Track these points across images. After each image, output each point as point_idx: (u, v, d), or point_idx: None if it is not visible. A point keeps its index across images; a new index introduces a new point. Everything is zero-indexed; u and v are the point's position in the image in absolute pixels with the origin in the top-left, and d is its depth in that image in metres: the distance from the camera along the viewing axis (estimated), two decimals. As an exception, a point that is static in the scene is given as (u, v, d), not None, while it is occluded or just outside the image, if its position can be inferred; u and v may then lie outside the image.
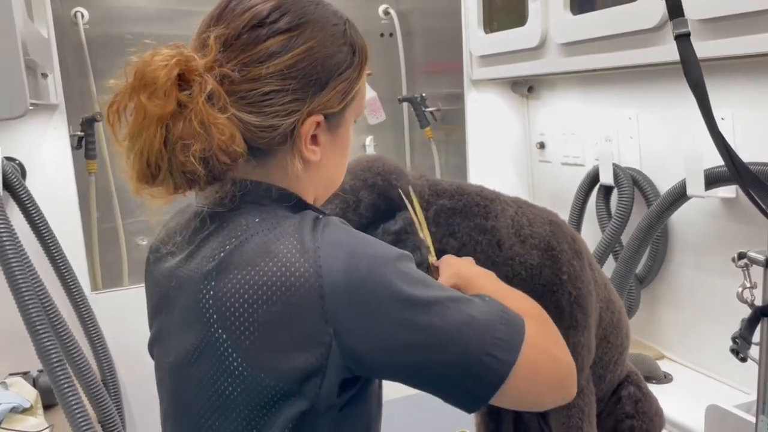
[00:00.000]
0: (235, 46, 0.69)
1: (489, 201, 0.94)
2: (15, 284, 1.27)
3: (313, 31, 0.72)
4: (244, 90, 0.68)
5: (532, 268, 0.94)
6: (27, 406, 1.47)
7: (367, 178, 0.89)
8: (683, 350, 1.69)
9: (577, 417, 0.97)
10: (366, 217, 0.89)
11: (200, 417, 0.71)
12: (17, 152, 1.71)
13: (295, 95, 0.70)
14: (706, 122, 0.74)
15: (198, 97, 0.65)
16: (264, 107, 0.69)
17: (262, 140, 0.71)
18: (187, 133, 0.65)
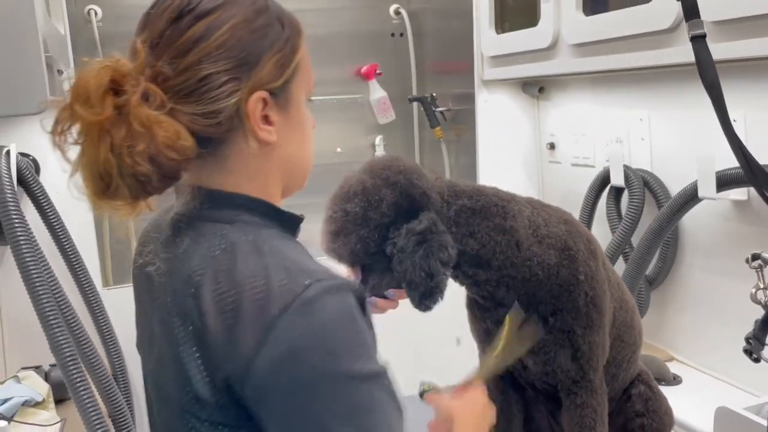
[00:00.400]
0: (162, 43, 0.71)
1: (506, 201, 0.94)
2: (29, 279, 1.28)
3: (232, 10, 0.73)
4: (180, 82, 0.69)
5: (550, 268, 0.95)
6: (39, 399, 1.49)
7: (389, 176, 0.89)
8: (693, 352, 1.69)
9: (590, 417, 0.97)
10: (387, 215, 0.88)
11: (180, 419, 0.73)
12: (31, 148, 1.72)
13: (229, 75, 0.71)
14: (721, 123, 0.74)
15: (133, 99, 0.66)
16: (202, 94, 0.70)
17: (211, 128, 0.72)
18: (129, 136, 0.66)
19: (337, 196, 0.93)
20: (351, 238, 0.89)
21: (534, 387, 1.06)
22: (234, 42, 0.72)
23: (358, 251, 0.90)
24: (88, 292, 1.64)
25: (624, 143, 1.81)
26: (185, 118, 0.70)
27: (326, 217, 0.93)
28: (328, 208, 0.93)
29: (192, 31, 0.70)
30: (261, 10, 0.76)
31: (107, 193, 0.69)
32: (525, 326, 0.95)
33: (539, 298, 0.96)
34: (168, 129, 0.67)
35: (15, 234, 1.30)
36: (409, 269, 0.87)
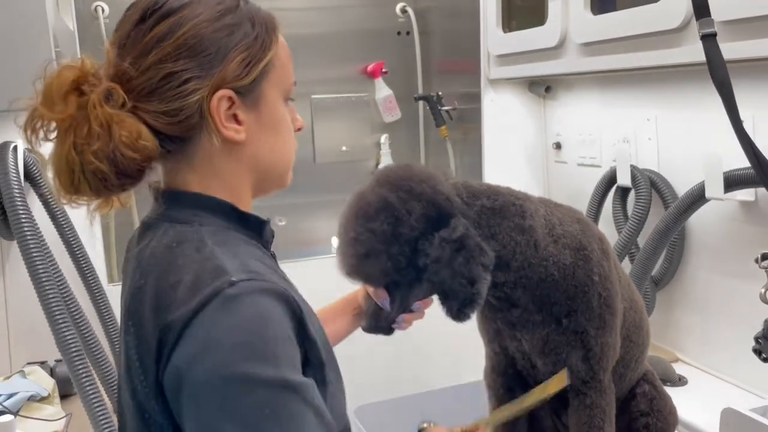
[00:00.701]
0: (127, 44, 0.72)
1: (522, 200, 0.92)
2: (36, 274, 1.29)
3: (197, 10, 0.73)
4: (142, 82, 0.71)
5: (566, 268, 0.93)
6: (44, 394, 1.49)
7: (412, 187, 0.84)
8: (698, 353, 1.68)
9: (598, 417, 0.96)
10: (417, 228, 0.84)
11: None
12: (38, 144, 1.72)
13: (190, 73, 0.72)
14: (731, 122, 0.74)
15: (92, 98, 0.68)
16: (164, 93, 0.71)
17: (173, 126, 0.73)
18: (88, 134, 0.68)
19: (356, 215, 0.85)
20: (381, 258, 0.84)
21: (541, 386, 1.05)
22: (196, 41, 0.72)
23: (389, 270, 0.85)
24: (93, 288, 1.64)
25: (631, 143, 1.81)
26: (148, 117, 0.71)
27: (348, 239, 0.85)
28: (349, 230, 0.85)
29: (155, 31, 0.71)
30: (228, 9, 0.76)
31: (71, 189, 0.71)
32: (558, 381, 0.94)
33: (554, 299, 0.95)
34: (129, 128, 0.69)
35: (22, 229, 1.31)
36: (448, 278, 0.84)
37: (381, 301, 0.94)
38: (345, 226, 0.86)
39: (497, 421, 0.94)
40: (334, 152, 2.34)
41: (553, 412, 1.13)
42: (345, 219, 0.87)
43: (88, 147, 0.68)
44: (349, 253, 0.84)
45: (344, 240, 0.86)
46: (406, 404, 1.54)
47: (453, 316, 0.87)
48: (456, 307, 0.85)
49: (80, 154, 0.68)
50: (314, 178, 2.28)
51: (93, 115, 0.67)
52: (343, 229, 0.87)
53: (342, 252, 0.86)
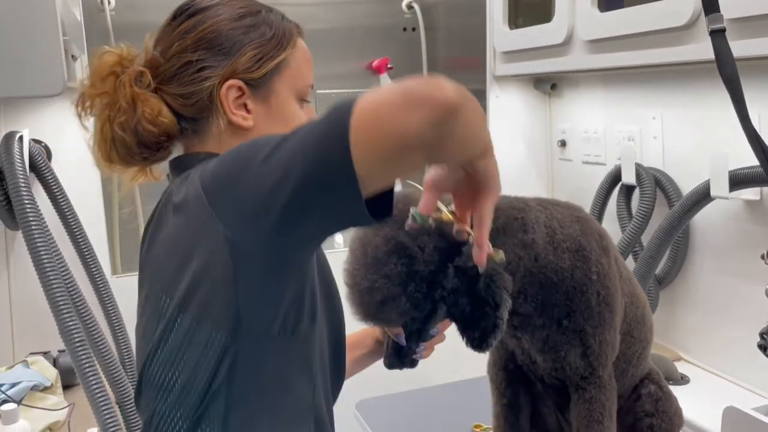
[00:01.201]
0: (160, 37, 0.86)
1: (522, 211, 0.91)
2: (40, 264, 1.29)
3: (219, 11, 0.85)
4: (167, 68, 0.83)
5: (563, 271, 0.93)
6: (47, 384, 1.49)
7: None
8: (701, 352, 1.68)
9: (597, 411, 0.96)
10: (432, 262, 0.80)
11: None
12: (43, 135, 1.73)
13: (205, 63, 0.83)
14: (739, 117, 0.74)
15: (124, 79, 0.81)
16: (183, 78, 0.83)
17: (188, 107, 0.84)
18: (118, 109, 0.80)
19: (365, 264, 0.81)
20: (399, 301, 0.80)
21: (543, 381, 1.05)
22: (213, 36, 0.83)
23: (407, 310, 0.82)
24: (97, 279, 1.65)
25: (636, 141, 1.80)
26: (169, 98, 0.83)
27: (362, 289, 0.80)
28: (361, 280, 0.80)
29: (182, 27, 0.84)
30: (249, 13, 0.86)
31: (107, 158, 0.84)
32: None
33: (554, 301, 0.95)
34: (152, 106, 0.81)
35: (27, 219, 1.31)
36: (467, 307, 0.81)
37: (396, 337, 0.93)
38: (355, 275, 0.81)
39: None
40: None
41: (556, 409, 1.13)
42: (353, 267, 0.82)
43: (117, 119, 0.80)
44: (365, 302, 0.81)
45: (358, 290, 0.81)
46: (407, 399, 1.55)
47: (476, 346, 0.84)
48: (479, 335, 0.82)
49: (111, 126, 0.80)
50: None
51: (122, 93, 0.80)
52: (353, 278, 0.82)
53: (357, 301, 0.82)
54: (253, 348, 0.74)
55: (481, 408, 1.39)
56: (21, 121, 1.70)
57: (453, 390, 1.60)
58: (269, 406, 0.79)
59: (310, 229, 0.66)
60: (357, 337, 1.08)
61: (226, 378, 0.74)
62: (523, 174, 2.23)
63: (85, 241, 1.62)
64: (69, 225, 1.59)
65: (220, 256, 0.69)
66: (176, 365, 0.76)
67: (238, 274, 0.69)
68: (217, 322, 0.72)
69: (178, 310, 0.74)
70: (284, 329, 0.75)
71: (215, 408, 0.76)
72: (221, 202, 0.69)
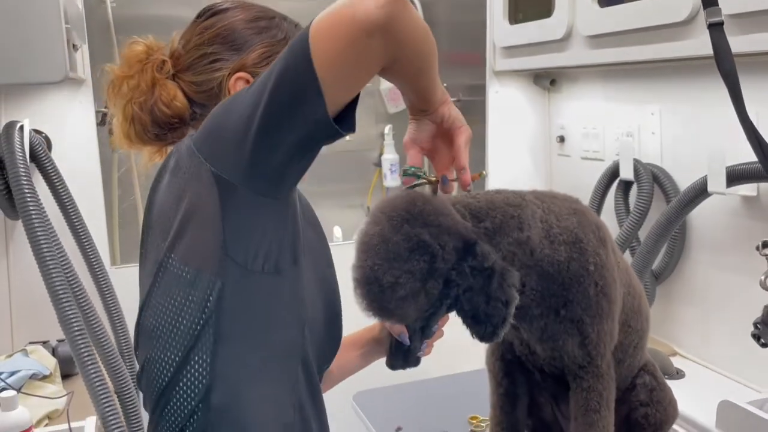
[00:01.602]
0: (186, 33, 0.96)
1: (519, 208, 0.92)
2: (40, 253, 1.29)
3: (236, 13, 0.94)
4: (186, 59, 0.93)
5: (560, 264, 0.95)
6: (46, 373, 1.50)
7: (441, 222, 0.83)
8: (696, 347, 1.69)
9: (595, 400, 0.97)
10: (449, 261, 0.83)
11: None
12: (44, 125, 1.73)
13: (217, 56, 0.92)
14: (737, 111, 0.75)
15: (149, 67, 0.91)
16: (197, 68, 0.93)
17: (200, 94, 0.93)
18: (140, 91, 0.92)
19: (387, 259, 0.81)
20: (419, 297, 0.83)
21: (542, 370, 1.06)
22: (228, 33, 0.93)
23: (424, 306, 0.85)
24: (96, 269, 1.65)
25: (634, 137, 1.81)
26: (184, 85, 0.93)
27: (385, 284, 0.81)
28: (385, 275, 0.81)
29: (204, 24, 0.94)
30: (264, 17, 0.95)
31: (126, 136, 0.94)
32: None
33: (552, 291, 0.96)
34: (168, 90, 0.91)
35: (27, 209, 1.31)
36: (482, 305, 0.84)
37: (399, 336, 0.96)
38: (376, 270, 0.81)
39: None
40: (337, 142, 2.34)
41: (553, 400, 1.14)
42: (374, 263, 0.82)
43: (137, 100, 0.91)
44: (385, 297, 0.82)
45: (379, 285, 0.82)
46: (404, 391, 1.55)
47: (484, 338, 0.87)
48: (490, 330, 0.86)
49: (132, 106, 0.91)
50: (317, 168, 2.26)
51: (144, 78, 0.91)
52: (373, 273, 0.82)
53: (375, 297, 0.82)
54: (240, 284, 0.80)
55: (477, 400, 1.41)
56: (22, 110, 1.70)
57: (449, 382, 1.61)
58: (257, 343, 0.83)
59: (283, 152, 0.73)
60: (355, 337, 1.09)
61: (215, 313, 0.80)
62: (522, 169, 2.24)
63: (84, 232, 1.62)
64: (69, 215, 1.59)
65: (207, 195, 0.77)
66: (167, 307, 0.83)
67: (224, 210, 0.77)
68: (204, 259, 0.79)
69: (169, 252, 0.82)
70: (268, 265, 0.81)
71: (204, 343, 0.81)
72: (208, 146, 0.78)
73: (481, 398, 1.29)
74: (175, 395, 0.84)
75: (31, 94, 1.72)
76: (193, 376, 0.83)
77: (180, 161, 0.82)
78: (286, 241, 0.82)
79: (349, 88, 0.72)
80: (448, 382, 1.61)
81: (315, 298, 0.90)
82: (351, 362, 1.09)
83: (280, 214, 0.81)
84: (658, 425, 1.09)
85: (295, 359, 0.87)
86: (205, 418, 0.82)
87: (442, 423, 1.39)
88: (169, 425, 0.85)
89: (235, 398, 0.83)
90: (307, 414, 0.89)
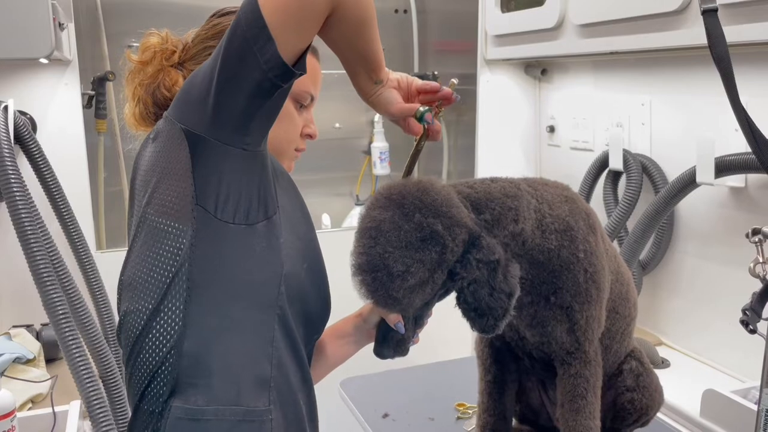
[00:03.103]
0: (199, 29, 1.02)
1: (515, 199, 0.92)
2: (24, 236, 1.27)
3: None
4: (192, 51, 1.00)
5: (550, 252, 0.95)
6: (30, 357, 1.49)
7: (453, 214, 0.84)
8: (681, 337, 1.71)
9: (582, 386, 0.98)
10: (457, 253, 0.84)
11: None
12: (29, 106, 1.71)
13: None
14: (729, 97, 0.75)
15: (158, 56, 0.99)
16: (199, 58, 0.99)
17: None
18: (148, 76, 0.99)
19: (398, 247, 0.81)
20: (426, 287, 0.83)
21: (530, 356, 1.06)
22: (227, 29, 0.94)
23: (428, 296, 0.86)
24: (81, 253, 1.63)
25: (624, 127, 1.81)
26: (186, 74, 0.99)
27: (395, 272, 0.81)
28: (395, 263, 0.81)
29: (211, 22, 1.01)
30: None
31: (133, 116, 1.00)
32: None
33: (542, 279, 0.96)
34: (171, 77, 0.99)
35: (11, 191, 1.29)
36: (486, 297, 0.85)
37: (395, 325, 0.96)
38: (386, 257, 0.81)
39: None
40: (327, 129, 2.33)
41: (540, 386, 1.14)
42: (384, 250, 0.82)
43: (143, 82, 0.98)
44: (394, 285, 0.81)
45: (388, 273, 0.81)
46: (391, 378, 1.55)
47: (485, 330, 0.88)
48: (491, 323, 0.87)
49: (139, 88, 0.99)
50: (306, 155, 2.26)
51: (153, 65, 0.99)
52: (382, 260, 0.81)
53: (382, 284, 0.82)
54: (211, 233, 0.84)
55: (464, 388, 1.41)
56: (6, 91, 1.67)
57: (437, 369, 1.61)
58: (229, 292, 0.85)
59: (242, 98, 0.78)
60: (339, 326, 1.09)
61: (187, 261, 0.83)
62: (512, 159, 2.24)
63: (70, 215, 1.60)
64: (54, 198, 1.57)
65: (179, 151, 0.83)
66: (144, 258, 0.86)
67: (194, 162, 0.82)
68: (177, 210, 0.84)
69: (147, 206, 0.87)
70: (238, 216, 0.84)
71: (177, 291, 0.84)
72: (179, 108, 0.85)
73: (468, 385, 1.29)
74: (149, 342, 0.86)
75: (15, 74, 1.70)
76: (166, 323, 0.85)
77: (158, 129, 0.89)
78: (256, 194, 0.85)
79: (299, 32, 0.77)
80: (435, 369, 1.61)
81: (295, 259, 0.91)
82: (343, 351, 1.09)
83: (247, 165, 0.84)
84: (644, 410, 1.10)
85: (270, 313, 0.88)
86: (177, 364, 0.84)
87: (429, 410, 1.39)
88: (141, 372, 0.87)
89: (206, 346, 0.85)
90: (288, 374, 0.90)
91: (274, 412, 0.87)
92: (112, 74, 1.89)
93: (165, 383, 0.85)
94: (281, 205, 0.90)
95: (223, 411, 0.84)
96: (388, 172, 2.40)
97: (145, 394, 0.86)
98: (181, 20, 1.08)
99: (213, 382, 0.85)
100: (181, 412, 0.84)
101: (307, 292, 0.94)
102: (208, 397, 0.84)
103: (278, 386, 0.89)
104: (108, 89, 1.95)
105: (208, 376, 0.84)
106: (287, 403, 0.90)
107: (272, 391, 0.88)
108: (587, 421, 0.99)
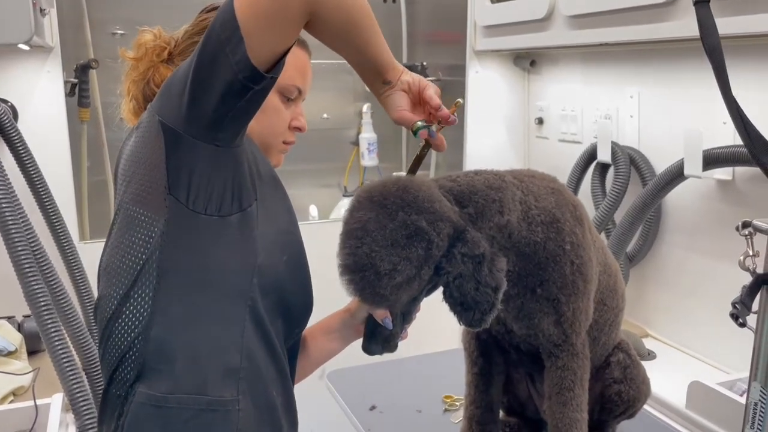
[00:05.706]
0: (189, 25, 1.03)
1: (500, 191, 0.92)
2: (5, 227, 1.25)
3: None
4: (181, 46, 1.01)
5: (536, 244, 0.95)
6: (12, 349, 1.46)
7: (436, 209, 0.84)
8: (667, 329, 1.71)
9: (569, 379, 0.98)
10: (443, 248, 0.85)
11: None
12: (10, 94, 1.67)
13: None
14: (720, 87, 0.74)
15: (150, 52, 1.01)
16: (186, 53, 0.98)
17: None
18: (139, 71, 1.01)
19: (384, 246, 0.82)
20: (414, 283, 0.84)
21: (518, 349, 1.06)
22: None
23: (415, 292, 0.86)
24: (64, 244, 1.60)
25: (613, 120, 1.81)
26: (174, 68, 0.94)
27: (382, 271, 0.81)
28: (382, 261, 0.81)
29: (199, 18, 1.02)
30: None
31: (126, 107, 1.02)
32: None
33: (528, 271, 0.96)
34: (161, 73, 1.00)
35: (-9, 179, 1.27)
36: (471, 291, 0.85)
37: (383, 320, 0.95)
38: (373, 256, 0.81)
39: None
40: (315, 119, 2.32)
41: (528, 379, 1.14)
42: (371, 249, 0.82)
43: (134, 78, 1.01)
44: (382, 284, 0.82)
45: (375, 271, 0.82)
46: (378, 370, 1.55)
47: (472, 324, 0.88)
48: (478, 316, 0.87)
49: (131, 84, 1.01)
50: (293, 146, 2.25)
51: (144, 61, 1.00)
52: (369, 259, 0.81)
53: (370, 283, 0.82)
54: (182, 223, 0.85)
55: (451, 379, 1.41)
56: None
57: (424, 361, 1.61)
58: (198, 282, 0.86)
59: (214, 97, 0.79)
60: (326, 322, 1.09)
61: (158, 249, 0.85)
62: (500, 151, 2.24)
63: (52, 205, 1.58)
64: (35, 188, 1.54)
65: (156, 142, 0.84)
66: (118, 245, 0.88)
67: (167, 154, 0.83)
68: (151, 199, 0.85)
69: (123, 195, 0.88)
70: (210, 208, 0.85)
71: (147, 277, 0.85)
72: (159, 101, 0.86)
73: (455, 377, 1.28)
74: (118, 327, 0.87)
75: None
76: (135, 309, 0.86)
77: (141, 120, 0.90)
78: (229, 188, 0.86)
79: (273, 35, 0.77)
80: (423, 361, 1.61)
81: (272, 251, 0.91)
82: (331, 348, 1.09)
83: (220, 160, 0.85)
84: (631, 402, 1.10)
85: (240, 304, 0.88)
86: (144, 349, 0.85)
87: (416, 402, 1.39)
88: (111, 356, 0.88)
89: (173, 333, 0.86)
90: (260, 365, 0.90)
91: (242, 402, 0.88)
92: (95, 62, 1.86)
93: (131, 368, 0.86)
94: (261, 198, 0.90)
95: (185, 399, 0.85)
96: (376, 163, 2.39)
97: (113, 377, 0.88)
98: (165, 7, 1.07)
99: (177, 369, 0.86)
100: (145, 398, 0.85)
101: (286, 284, 0.93)
102: (171, 385, 0.85)
103: (248, 377, 0.89)
104: (91, 77, 1.92)
105: (172, 363, 0.86)
106: (259, 393, 0.90)
107: (242, 382, 0.88)
108: (574, 413, 0.99)
